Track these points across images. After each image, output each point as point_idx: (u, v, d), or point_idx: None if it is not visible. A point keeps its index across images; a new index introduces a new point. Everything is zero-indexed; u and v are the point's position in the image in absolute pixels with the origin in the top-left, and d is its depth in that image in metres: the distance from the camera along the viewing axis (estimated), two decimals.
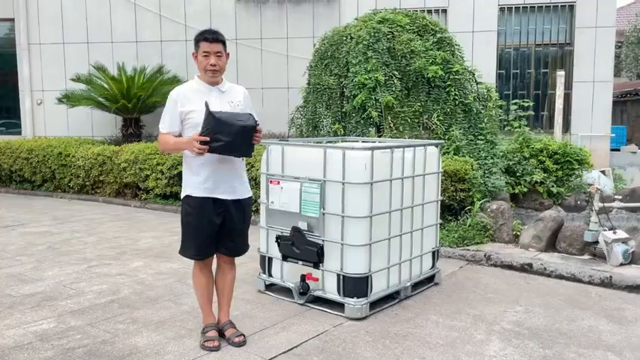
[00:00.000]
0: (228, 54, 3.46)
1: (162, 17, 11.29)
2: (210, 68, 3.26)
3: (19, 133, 11.93)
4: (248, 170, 7.18)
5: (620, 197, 6.28)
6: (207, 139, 3.08)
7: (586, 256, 5.42)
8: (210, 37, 3.27)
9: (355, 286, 3.91)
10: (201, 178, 3.29)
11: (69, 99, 10.55)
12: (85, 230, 6.92)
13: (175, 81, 10.85)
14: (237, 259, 3.61)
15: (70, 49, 11.67)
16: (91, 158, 9.27)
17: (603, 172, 8.58)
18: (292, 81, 10.49)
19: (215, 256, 3.52)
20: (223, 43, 3.34)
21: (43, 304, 4.17)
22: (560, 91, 9.26)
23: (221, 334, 3.50)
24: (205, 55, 3.26)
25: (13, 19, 11.85)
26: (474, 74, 7.26)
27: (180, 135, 3.36)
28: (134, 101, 10.26)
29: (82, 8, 11.51)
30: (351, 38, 7.26)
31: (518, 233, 6.01)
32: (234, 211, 3.39)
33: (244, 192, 3.45)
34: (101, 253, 5.76)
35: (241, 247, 3.55)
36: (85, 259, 5.50)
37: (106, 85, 10.56)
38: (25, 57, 11.78)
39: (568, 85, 9.94)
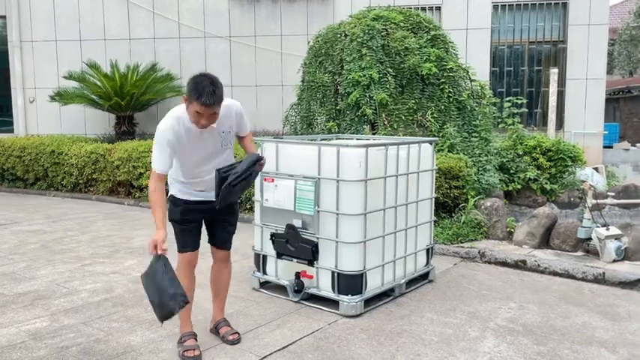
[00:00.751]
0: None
1: (155, 14, 11.23)
2: (200, 127, 3.03)
3: (12, 131, 11.85)
4: None
5: (613, 194, 6.31)
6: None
7: (579, 253, 5.45)
8: (206, 102, 2.90)
9: (350, 283, 3.91)
10: (190, 190, 3.26)
11: (62, 97, 10.49)
12: (79, 229, 6.88)
13: (169, 78, 10.82)
14: (231, 257, 3.60)
15: (62, 47, 11.59)
16: (84, 156, 9.22)
17: (596, 169, 8.62)
18: (286, 78, 10.47)
19: (211, 253, 3.49)
20: (220, 103, 3.02)
21: (36, 302, 4.14)
22: (553, 89, 9.29)
23: (215, 332, 3.50)
24: (198, 114, 2.96)
25: (4, 17, 11.76)
26: (467, 71, 7.27)
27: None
28: (127, 99, 10.21)
29: (75, 5, 11.44)
30: (346, 35, 7.25)
31: (512, 230, 6.03)
32: (222, 209, 3.30)
33: None
34: (95, 251, 5.73)
35: (233, 234, 3.51)
36: (79, 257, 5.48)
37: (99, 83, 10.49)
38: (18, 54, 11.69)
39: (561, 83, 9.97)
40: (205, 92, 2.90)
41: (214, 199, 3.18)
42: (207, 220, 3.41)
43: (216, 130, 3.14)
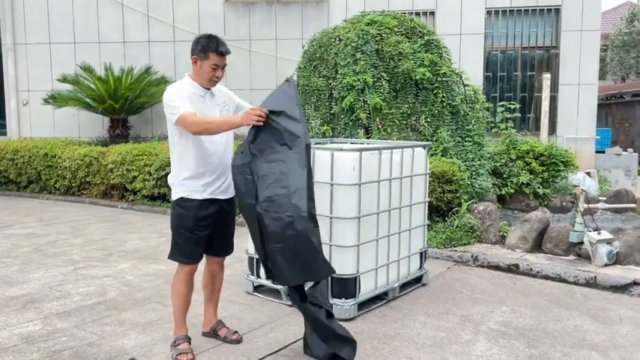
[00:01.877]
0: None
1: (150, 18, 11.23)
2: (215, 80, 3.24)
3: (5, 133, 11.80)
4: None
5: (605, 199, 6.36)
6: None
7: (571, 257, 5.48)
8: (223, 50, 3.18)
9: (343, 286, 3.92)
10: (200, 176, 3.20)
11: (55, 100, 10.46)
12: (72, 232, 6.86)
13: (163, 82, 10.80)
14: (225, 261, 3.61)
15: (56, 50, 11.56)
16: (77, 159, 9.19)
17: (588, 173, 8.68)
18: (281, 82, 10.47)
19: (205, 259, 3.48)
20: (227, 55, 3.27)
21: (29, 306, 4.12)
22: (546, 94, 9.36)
23: (213, 335, 3.52)
24: (214, 68, 3.18)
25: None
26: (461, 76, 7.32)
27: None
28: (121, 102, 10.19)
29: (69, 8, 11.42)
30: (340, 40, 7.28)
31: (504, 234, 6.07)
32: (228, 210, 3.36)
33: (232, 189, 3.31)
34: (88, 254, 5.72)
35: (231, 246, 3.54)
36: (72, 260, 5.46)
37: (92, 86, 10.47)
38: (11, 57, 11.65)
39: (554, 88, 10.05)
40: (219, 42, 3.18)
41: (220, 197, 3.22)
42: (214, 225, 3.30)
43: (216, 102, 3.29)
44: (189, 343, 3.29)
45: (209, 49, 3.16)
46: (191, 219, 3.19)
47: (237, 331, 3.54)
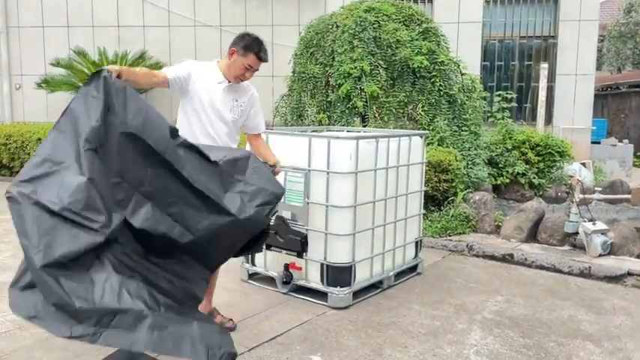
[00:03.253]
0: None
1: (145, 2, 11.07)
2: (242, 79, 3.28)
3: None
4: None
5: (600, 189, 6.37)
6: None
7: (566, 247, 5.50)
8: (264, 56, 3.28)
9: (338, 275, 3.92)
10: None
11: (48, 84, 10.34)
12: None
13: (158, 67, 10.68)
14: None
15: (49, 33, 11.41)
16: None
17: (584, 164, 8.70)
18: (277, 69, 10.38)
19: None
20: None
21: None
22: (543, 84, 9.33)
23: None
24: (247, 68, 3.23)
25: None
26: (458, 65, 7.27)
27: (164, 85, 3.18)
28: None
29: None
30: (337, 27, 7.21)
31: (500, 224, 6.07)
32: None
33: None
34: None
35: None
36: None
37: (86, 70, 10.35)
38: (4, 40, 11.48)
39: (551, 78, 10.01)
40: (263, 48, 3.27)
41: None
42: None
43: (232, 95, 3.27)
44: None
45: (251, 49, 3.22)
46: None
47: (232, 319, 3.54)
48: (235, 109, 3.29)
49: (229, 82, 3.26)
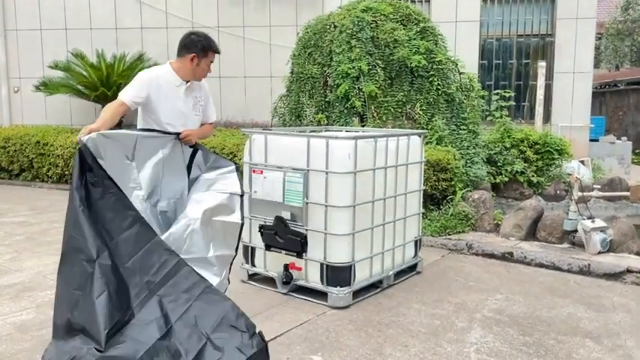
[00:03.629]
0: None
1: (142, 4, 11.08)
2: (204, 76, 3.41)
3: None
4: (231, 160, 7.13)
5: (599, 187, 6.38)
6: None
7: (565, 245, 5.50)
8: (218, 49, 3.43)
9: (338, 275, 3.92)
10: None
11: (47, 87, 10.34)
12: (64, 220, 6.80)
13: None
14: None
15: (47, 36, 11.41)
16: (70, 147, 9.10)
17: (582, 162, 8.71)
18: (275, 70, 10.40)
19: None
20: None
21: (22, 294, 4.10)
22: (541, 82, 9.35)
23: None
24: (210, 64, 3.38)
25: None
26: (456, 64, 7.28)
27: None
28: (114, 89, 10.06)
29: None
30: (335, 27, 7.21)
31: (499, 222, 6.08)
32: None
33: None
34: None
35: None
36: None
37: (84, 73, 10.35)
38: (2, 43, 11.48)
39: (549, 76, 10.03)
40: (213, 40, 3.42)
41: None
42: None
43: (191, 94, 3.36)
44: None
45: (211, 47, 3.35)
46: None
47: None
48: (197, 106, 3.40)
49: (187, 82, 3.32)
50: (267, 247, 4.22)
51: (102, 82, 10.08)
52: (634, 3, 19.34)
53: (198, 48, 3.30)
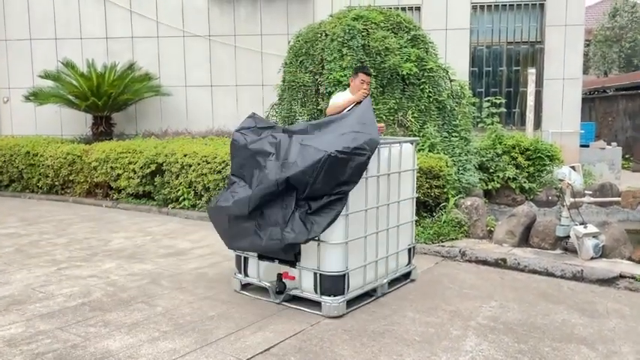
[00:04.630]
0: None
1: (133, 13, 11.07)
2: (364, 92, 5.29)
3: None
4: (224, 169, 7.11)
5: (590, 192, 6.40)
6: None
7: (558, 251, 5.51)
8: (368, 72, 5.51)
9: (332, 284, 3.89)
10: None
11: (37, 96, 10.28)
12: (55, 231, 6.74)
13: (147, 78, 10.67)
14: (212, 259, 3.55)
15: (37, 46, 11.36)
16: (60, 157, 9.04)
17: (573, 167, 8.71)
18: (267, 78, 10.41)
19: None
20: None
21: (11, 308, 4.03)
22: (531, 89, 9.41)
23: None
24: (362, 82, 5.34)
25: None
26: (447, 72, 7.31)
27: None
28: (104, 99, 10.05)
29: (50, 3, 11.22)
30: (326, 35, 7.23)
31: (492, 229, 6.08)
32: None
33: None
34: (71, 254, 5.62)
35: None
36: (55, 261, 5.36)
37: (75, 83, 10.31)
38: None
39: (539, 83, 10.11)
40: (366, 67, 5.61)
41: None
42: None
43: None
44: None
45: (358, 70, 5.47)
46: None
47: None
48: None
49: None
50: (260, 257, 4.19)
51: (92, 92, 10.04)
52: (621, 10, 19.57)
53: (354, 72, 5.62)
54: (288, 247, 3.78)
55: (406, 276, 4.74)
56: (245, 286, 4.42)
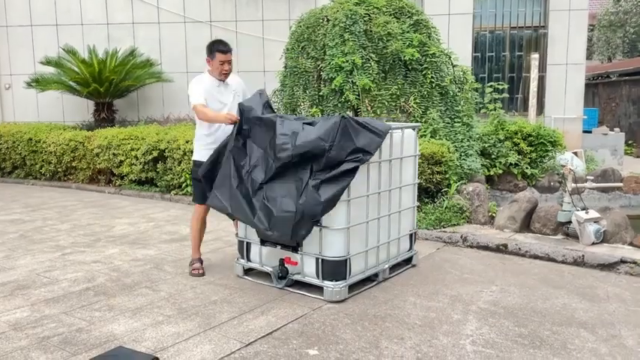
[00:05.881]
0: None
1: None
2: (224, 72, 4.35)
3: None
4: None
5: (592, 178, 6.41)
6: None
7: (559, 236, 5.53)
8: (224, 49, 4.32)
9: (334, 269, 3.92)
10: (208, 144, 4.38)
11: (38, 83, 10.26)
12: (58, 217, 6.78)
13: (148, 64, 10.63)
14: (214, 245, 3.58)
15: (38, 32, 11.32)
16: (62, 144, 9.06)
17: (576, 153, 8.73)
18: (268, 64, 10.37)
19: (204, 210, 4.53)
20: (231, 52, 4.37)
21: (16, 292, 4.08)
22: (534, 74, 9.36)
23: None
24: (221, 63, 4.30)
25: None
26: (450, 57, 7.27)
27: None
28: (106, 85, 10.03)
29: None
30: (328, 20, 7.18)
31: (493, 214, 6.10)
32: None
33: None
34: (75, 240, 5.66)
35: None
36: (59, 246, 5.40)
37: (76, 69, 10.28)
38: None
39: (542, 68, 10.04)
40: (220, 42, 4.41)
41: None
42: None
43: (230, 90, 4.42)
44: (201, 263, 4.56)
45: (214, 49, 4.30)
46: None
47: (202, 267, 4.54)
48: (236, 97, 4.44)
49: (222, 80, 4.39)
50: (263, 242, 4.22)
51: (94, 78, 10.02)
52: None
53: (207, 52, 4.34)
54: (300, 223, 3.76)
55: (408, 261, 4.77)
56: (247, 272, 4.45)
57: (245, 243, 4.40)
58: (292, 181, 3.85)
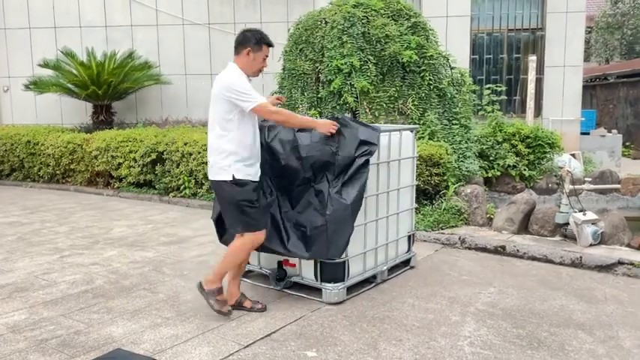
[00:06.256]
0: None
1: (132, 1, 11.02)
2: (262, 69, 3.64)
3: None
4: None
5: (590, 180, 6.42)
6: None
7: (557, 238, 5.54)
8: (271, 41, 3.63)
9: (332, 271, 3.92)
10: (250, 166, 3.57)
11: (37, 85, 10.27)
12: (56, 220, 6.78)
13: (147, 67, 10.64)
14: (213, 247, 3.58)
15: (36, 34, 11.32)
16: (60, 146, 9.06)
17: (573, 155, 8.75)
18: (267, 66, 10.37)
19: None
20: None
21: (14, 295, 4.08)
22: (532, 76, 9.38)
23: (240, 307, 3.75)
24: (265, 57, 3.60)
25: None
26: (448, 59, 7.29)
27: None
28: (104, 87, 10.03)
29: None
30: (326, 23, 7.20)
31: (491, 216, 6.11)
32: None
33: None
34: (73, 242, 5.66)
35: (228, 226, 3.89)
36: (57, 249, 5.40)
37: (75, 71, 10.29)
38: None
39: (540, 70, 10.07)
40: (265, 35, 3.64)
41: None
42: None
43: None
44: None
45: (263, 41, 3.55)
46: (251, 192, 3.52)
47: (259, 301, 3.81)
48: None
49: (249, 77, 3.57)
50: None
51: (92, 81, 10.02)
52: None
53: (252, 42, 3.53)
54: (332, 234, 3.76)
55: (406, 263, 4.78)
56: (246, 274, 4.44)
57: None
58: (313, 197, 3.85)
